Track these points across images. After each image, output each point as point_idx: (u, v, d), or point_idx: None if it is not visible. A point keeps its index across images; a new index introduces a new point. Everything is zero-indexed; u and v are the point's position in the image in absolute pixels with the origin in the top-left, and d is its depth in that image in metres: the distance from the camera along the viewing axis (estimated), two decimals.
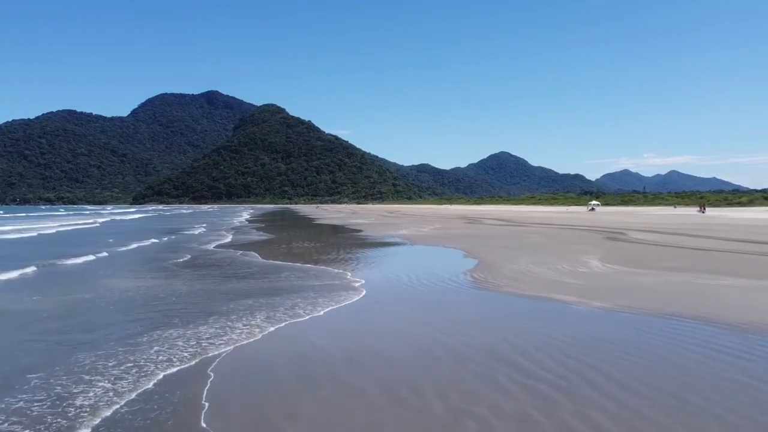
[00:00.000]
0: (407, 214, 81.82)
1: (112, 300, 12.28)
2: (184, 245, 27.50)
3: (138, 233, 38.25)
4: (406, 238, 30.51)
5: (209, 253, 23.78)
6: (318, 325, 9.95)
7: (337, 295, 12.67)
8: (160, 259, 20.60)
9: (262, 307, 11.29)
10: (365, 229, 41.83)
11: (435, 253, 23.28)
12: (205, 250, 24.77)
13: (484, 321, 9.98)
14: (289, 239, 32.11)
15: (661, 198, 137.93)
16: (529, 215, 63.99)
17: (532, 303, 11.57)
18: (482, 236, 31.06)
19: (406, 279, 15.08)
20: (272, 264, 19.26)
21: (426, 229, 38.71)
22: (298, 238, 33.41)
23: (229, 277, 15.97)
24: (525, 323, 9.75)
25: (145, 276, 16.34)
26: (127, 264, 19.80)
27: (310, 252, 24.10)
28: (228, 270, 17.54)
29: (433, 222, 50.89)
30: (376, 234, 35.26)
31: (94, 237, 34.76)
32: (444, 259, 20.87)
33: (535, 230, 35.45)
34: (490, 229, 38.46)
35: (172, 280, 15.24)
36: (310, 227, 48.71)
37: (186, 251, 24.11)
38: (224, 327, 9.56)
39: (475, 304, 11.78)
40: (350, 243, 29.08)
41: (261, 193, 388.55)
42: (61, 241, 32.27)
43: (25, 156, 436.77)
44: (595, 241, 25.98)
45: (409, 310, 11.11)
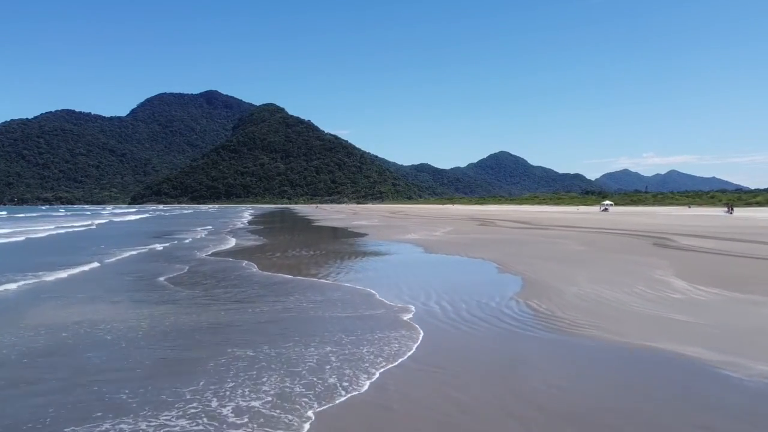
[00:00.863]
0: (412, 215, 77.75)
1: (61, 347, 8.35)
2: (182, 253, 23.55)
3: (135, 238, 34.27)
4: (420, 245, 26.45)
5: (207, 263, 19.93)
6: (370, 415, 5.75)
7: (382, 338, 8.75)
8: (150, 274, 16.69)
9: (270, 368, 7.17)
10: (371, 232, 37.81)
11: (463, 266, 19.06)
12: (203, 261, 20.86)
13: (598, 410, 5.96)
14: (288, 245, 28.05)
15: (671, 197, 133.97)
16: (543, 216, 59.95)
17: (653, 363, 7.44)
18: (507, 242, 27.03)
19: (449, 309, 11.11)
20: (279, 279, 15.53)
21: (439, 233, 34.67)
22: (298, 243, 29.37)
23: (224, 303, 12.00)
24: (674, 412, 5.73)
25: (125, 301, 12.52)
26: (111, 281, 15.83)
27: (317, 262, 20.14)
28: (225, 291, 13.64)
29: (442, 224, 46.83)
30: (385, 239, 31.24)
31: (87, 242, 30.59)
32: (478, 275, 16.76)
33: (562, 234, 31.42)
34: (511, 233, 34.42)
35: (154, 308, 11.40)
36: (310, 230, 44.65)
37: (183, 261, 20.37)
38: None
39: (562, 364, 7.58)
40: (358, 251, 25.05)
41: (260, 193, 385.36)
42: (49, 247, 28.43)
43: (23, 156, 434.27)
44: (646, 249, 21.97)
45: (482, 375, 7.12)
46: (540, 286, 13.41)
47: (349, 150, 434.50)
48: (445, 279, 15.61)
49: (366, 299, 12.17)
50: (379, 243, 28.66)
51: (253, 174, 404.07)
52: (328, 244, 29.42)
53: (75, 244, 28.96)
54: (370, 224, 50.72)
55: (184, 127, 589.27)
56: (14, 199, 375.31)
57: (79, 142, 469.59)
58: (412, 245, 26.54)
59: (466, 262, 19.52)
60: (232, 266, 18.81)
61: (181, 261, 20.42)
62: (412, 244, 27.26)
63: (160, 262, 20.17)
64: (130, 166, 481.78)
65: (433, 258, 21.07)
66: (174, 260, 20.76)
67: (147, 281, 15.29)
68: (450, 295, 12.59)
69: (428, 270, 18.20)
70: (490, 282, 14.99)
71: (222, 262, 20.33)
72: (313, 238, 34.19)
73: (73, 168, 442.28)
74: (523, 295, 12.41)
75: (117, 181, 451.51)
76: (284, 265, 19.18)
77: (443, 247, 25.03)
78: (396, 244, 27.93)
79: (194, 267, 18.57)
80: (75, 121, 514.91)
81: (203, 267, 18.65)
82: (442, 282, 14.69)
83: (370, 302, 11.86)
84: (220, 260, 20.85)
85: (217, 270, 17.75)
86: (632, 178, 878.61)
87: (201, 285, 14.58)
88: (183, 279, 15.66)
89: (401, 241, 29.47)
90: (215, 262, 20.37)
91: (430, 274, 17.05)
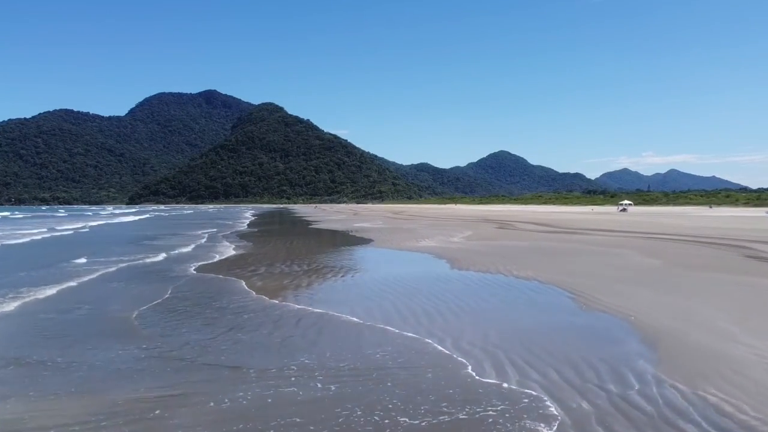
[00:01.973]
0: (417, 216, 72.34)
1: None
2: (171, 268, 18.37)
3: (126, 245, 28.71)
4: (441, 255, 21.02)
5: (195, 284, 15.08)
6: None
7: None
8: (120, 306, 11.79)
9: None
10: (376, 237, 32.40)
11: (520, 295, 13.00)
12: (192, 280, 15.92)
13: None
14: (287, 254, 22.54)
15: (684, 197, 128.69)
16: (561, 218, 54.56)
17: None
18: (548, 252, 21.60)
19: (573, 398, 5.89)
20: (281, 313, 10.65)
21: (457, 239, 29.31)
22: (297, 253, 23.95)
23: (213, 370, 6.97)
24: None
25: (56, 373, 7.24)
26: (68, 316, 10.74)
27: (322, 285, 14.84)
28: (213, 339, 8.85)
29: (456, 227, 41.39)
30: (395, 246, 25.79)
31: (68, 250, 24.75)
32: (554, 313, 10.99)
33: (607, 241, 26.06)
34: (542, 238, 29.03)
35: (98, 395, 6.25)
36: (308, 235, 39.23)
37: (168, 279, 15.85)
38: None
39: None
40: (367, 266, 19.59)
41: (259, 192, 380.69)
42: (22, 258, 23.12)
43: (20, 156, 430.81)
44: (744, 265, 16.67)
45: None
46: (679, 345, 8.07)
47: (349, 149, 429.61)
48: (510, 323, 10.15)
49: (433, 358, 7.24)
50: (390, 253, 23.23)
51: (252, 173, 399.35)
52: (329, 255, 23.86)
53: (54, 255, 23.45)
54: (374, 227, 45.33)
55: (182, 126, 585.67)
56: (11, 199, 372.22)
57: (77, 142, 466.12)
58: (432, 256, 21.13)
59: (520, 287, 13.98)
60: (224, 288, 14.34)
61: (166, 279, 15.83)
62: (430, 254, 21.85)
63: (140, 284, 15.05)
64: (128, 166, 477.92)
65: (470, 279, 15.59)
66: (157, 278, 16.06)
67: (109, 320, 10.41)
68: (544, 362, 7.33)
69: (474, 302, 12.23)
70: (585, 332, 9.47)
71: (213, 281, 15.66)
72: (311, 245, 28.74)
73: (71, 168, 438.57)
74: (670, 369, 7.04)
75: (115, 181, 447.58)
76: (282, 288, 13.96)
77: (472, 259, 19.64)
78: (410, 253, 22.53)
79: (179, 290, 13.95)
80: (73, 120, 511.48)
81: (190, 290, 14.02)
82: (510, 330, 9.33)
83: (444, 367, 6.94)
84: (211, 278, 16.18)
85: (204, 295, 13.31)
86: (632, 177, 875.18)
87: (181, 326, 9.77)
88: (159, 315, 10.87)
89: (415, 249, 24.08)
90: (206, 281, 15.60)
91: (482, 311, 11.34)
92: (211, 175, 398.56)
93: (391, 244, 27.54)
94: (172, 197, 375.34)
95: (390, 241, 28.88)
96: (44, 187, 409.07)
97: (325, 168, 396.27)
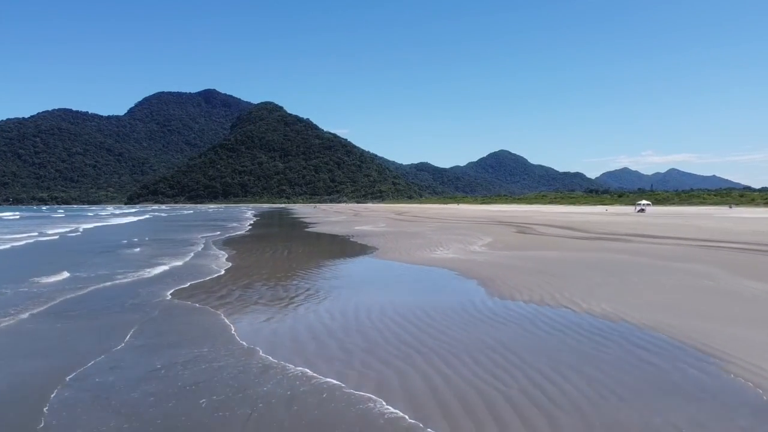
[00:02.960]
0: (422, 217, 67.65)
1: None
2: (146, 294, 13.58)
3: (109, 255, 23.30)
4: (469, 274, 16.11)
5: (165, 320, 10.66)
6: None
7: None
8: (34, 373, 7.13)
9: None
10: (380, 244, 27.66)
11: (630, 356, 7.86)
12: (164, 312, 11.48)
13: None
14: (281, 269, 18.00)
15: (697, 197, 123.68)
16: (580, 219, 49.91)
17: None
18: (609, 270, 16.64)
19: None
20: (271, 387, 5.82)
21: (477, 247, 24.62)
22: (289, 267, 19.40)
23: None
24: None
25: None
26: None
27: (319, 329, 10.14)
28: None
29: (470, 231, 36.68)
30: (405, 259, 20.94)
31: (40, 264, 19.88)
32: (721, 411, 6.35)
33: (668, 252, 21.42)
34: (579, 246, 24.35)
35: None
36: (302, 241, 34.58)
37: (137, 309, 11.68)
38: None
39: None
40: (374, 290, 14.33)
41: (258, 192, 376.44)
42: None
43: (19, 155, 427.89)
44: None
45: None
46: None
47: (349, 149, 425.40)
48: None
49: None
50: (401, 268, 18.41)
51: (251, 173, 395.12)
52: (326, 270, 19.12)
53: (15, 267, 18.84)
54: (377, 230, 40.61)
55: (182, 126, 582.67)
56: (9, 199, 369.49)
57: (76, 142, 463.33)
58: (456, 274, 16.33)
59: (611, 335, 8.82)
60: (200, 330, 9.94)
61: (135, 309, 11.70)
62: (453, 270, 17.11)
63: (90, 325, 10.35)
64: (127, 166, 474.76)
65: (526, 318, 10.52)
66: (119, 310, 11.64)
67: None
68: None
69: (564, 382, 6.98)
70: None
71: (189, 315, 11.23)
72: (307, 256, 24.01)
73: (70, 167, 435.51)
74: None
75: (114, 180, 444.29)
76: (274, 337, 9.27)
77: (510, 279, 14.92)
78: (426, 269, 17.81)
79: (142, 330, 9.78)
80: (72, 120, 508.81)
81: (152, 337, 9.42)
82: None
83: None
84: (186, 312, 11.51)
85: (173, 343, 9.03)
86: (632, 176, 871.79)
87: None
88: (95, 386, 6.49)
89: (431, 262, 19.38)
90: (178, 316, 11.09)
91: (594, 406, 6.32)
92: (210, 174, 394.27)
93: (399, 254, 22.80)
94: (171, 197, 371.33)
95: (397, 250, 24.15)
96: (42, 186, 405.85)
97: (324, 167, 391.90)
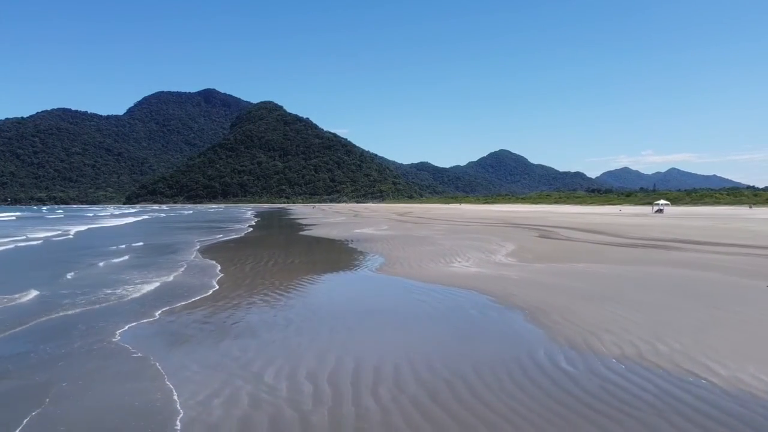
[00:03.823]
0: (426, 218, 63.45)
1: None
2: (99, 330, 9.67)
3: (84, 270, 18.29)
4: (507, 299, 11.91)
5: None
6: None
7: None
8: None
9: None
10: (385, 253, 23.35)
11: None
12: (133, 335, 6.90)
13: None
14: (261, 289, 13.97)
15: (710, 196, 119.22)
16: (600, 221, 45.72)
17: None
18: (691, 294, 12.11)
19: None
20: None
21: (501, 257, 20.43)
22: (265, 294, 15.27)
23: None
24: None
25: None
26: None
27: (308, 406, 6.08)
28: None
29: (485, 234, 32.42)
30: (418, 275, 16.45)
31: (8, 276, 16.53)
32: None
33: (738, 264, 17.33)
34: (625, 257, 20.17)
35: None
36: (297, 248, 30.43)
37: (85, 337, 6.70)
38: None
39: None
40: (389, 329, 10.08)
41: (258, 192, 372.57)
42: None
43: (17, 155, 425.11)
44: None
45: None
46: None
47: (349, 148, 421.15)
48: None
49: None
50: (414, 289, 14.04)
51: (251, 173, 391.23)
52: (318, 292, 14.89)
53: None
54: (380, 234, 36.36)
55: (181, 125, 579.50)
56: (8, 199, 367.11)
57: (74, 141, 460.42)
58: (490, 300, 12.02)
59: None
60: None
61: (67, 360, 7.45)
62: (485, 294, 12.78)
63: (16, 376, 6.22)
64: (126, 166, 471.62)
65: (635, 396, 6.40)
66: (50, 359, 7.77)
67: None
68: None
69: None
70: None
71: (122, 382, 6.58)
72: (295, 268, 19.80)
73: (69, 167, 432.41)
74: None
75: (113, 180, 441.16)
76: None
77: (572, 312, 10.53)
78: (446, 291, 13.52)
79: None
80: (71, 119, 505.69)
81: None
82: None
83: None
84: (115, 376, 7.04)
85: None
86: (632, 176, 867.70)
87: None
88: None
89: (453, 280, 15.07)
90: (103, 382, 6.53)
91: None
92: (209, 174, 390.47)
93: (409, 267, 18.57)
94: (170, 197, 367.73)
95: (406, 262, 19.91)
96: (41, 186, 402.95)
97: (324, 167, 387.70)
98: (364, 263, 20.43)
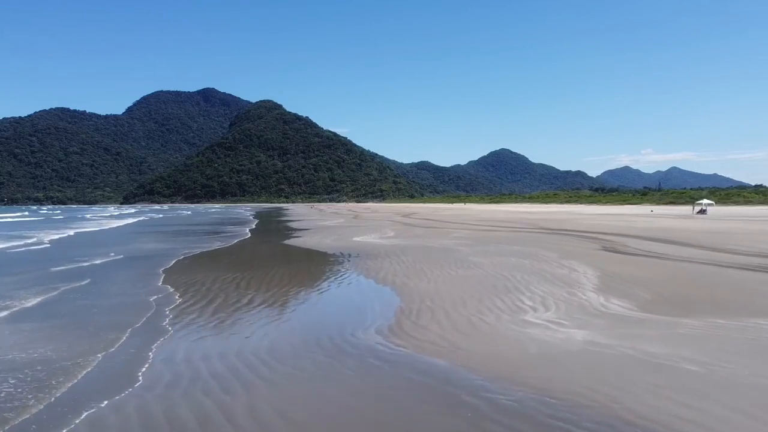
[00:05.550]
0: (435, 220, 55.71)
1: None
2: None
3: (71, 295, 11.12)
4: None
5: None
6: None
7: None
8: None
9: None
10: (399, 284, 14.41)
11: None
12: None
13: None
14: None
15: (737, 195, 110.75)
16: (648, 225, 37.96)
17: None
18: None
19: None
20: None
21: (592, 295, 12.23)
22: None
23: None
24: None
25: None
26: None
27: None
28: None
29: (528, 248, 23.03)
30: (473, 348, 7.25)
31: None
32: None
33: None
34: (755, 288, 12.20)
35: None
36: (270, 269, 22.37)
37: None
38: None
39: None
40: None
41: (256, 191, 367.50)
42: None
43: (15, 155, 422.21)
44: None
45: None
46: None
47: (349, 147, 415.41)
48: None
49: None
50: (483, 413, 5.96)
51: (250, 172, 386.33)
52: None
53: None
54: (386, 244, 27.65)
55: (180, 125, 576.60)
56: (4, 199, 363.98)
57: (72, 141, 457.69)
58: None
59: None
60: None
61: None
62: None
63: None
64: (125, 165, 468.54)
65: None
66: None
67: None
68: None
69: None
70: None
71: None
72: (240, 326, 11.58)
73: (67, 167, 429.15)
74: None
75: (111, 180, 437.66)
76: None
77: None
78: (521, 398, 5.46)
79: None
80: (69, 119, 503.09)
81: None
82: None
83: None
84: None
85: None
86: (633, 175, 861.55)
87: None
88: None
89: (551, 382, 6.64)
90: None
91: None
92: (207, 173, 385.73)
93: (447, 325, 9.64)
94: (168, 196, 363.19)
95: (440, 310, 11.13)
96: (38, 186, 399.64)
97: (324, 166, 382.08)
98: (365, 311, 11.81)
